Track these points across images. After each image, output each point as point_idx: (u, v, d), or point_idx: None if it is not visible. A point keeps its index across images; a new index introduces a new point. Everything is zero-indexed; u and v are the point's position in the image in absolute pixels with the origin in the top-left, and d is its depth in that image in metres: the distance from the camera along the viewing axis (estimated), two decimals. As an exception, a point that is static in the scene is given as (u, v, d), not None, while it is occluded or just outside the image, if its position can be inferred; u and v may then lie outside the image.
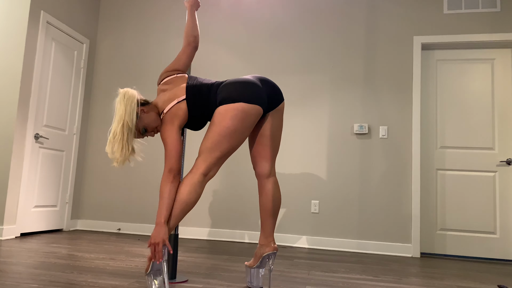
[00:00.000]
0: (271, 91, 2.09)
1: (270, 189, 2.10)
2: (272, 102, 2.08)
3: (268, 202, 2.09)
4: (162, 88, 2.12)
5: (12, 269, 2.31)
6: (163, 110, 2.03)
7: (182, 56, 2.23)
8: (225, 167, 4.21)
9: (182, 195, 1.89)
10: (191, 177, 1.92)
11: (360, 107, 4.02)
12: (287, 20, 4.28)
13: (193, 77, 2.14)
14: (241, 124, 1.92)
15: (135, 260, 2.77)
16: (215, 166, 1.96)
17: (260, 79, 2.09)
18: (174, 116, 1.99)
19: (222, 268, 2.65)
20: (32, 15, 3.72)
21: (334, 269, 2.85)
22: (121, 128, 1.89)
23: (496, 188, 3.79)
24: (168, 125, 1.98)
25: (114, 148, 1.90)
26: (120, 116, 1.90)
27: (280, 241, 4.00)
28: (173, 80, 2.12)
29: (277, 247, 2.04)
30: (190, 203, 1.90)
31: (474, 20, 3.91)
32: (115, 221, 4.39)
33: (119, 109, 1.92)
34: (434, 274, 2.88)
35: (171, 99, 2.03)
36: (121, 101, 1.93)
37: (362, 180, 3.93)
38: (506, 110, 3.86)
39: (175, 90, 2.06)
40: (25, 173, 3.69)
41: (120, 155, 1.90)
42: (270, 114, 2.11)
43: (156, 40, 4.57)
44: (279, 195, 2.12)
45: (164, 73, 2.17)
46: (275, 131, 2.12)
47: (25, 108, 3.67)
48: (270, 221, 2.09)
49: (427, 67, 4.06)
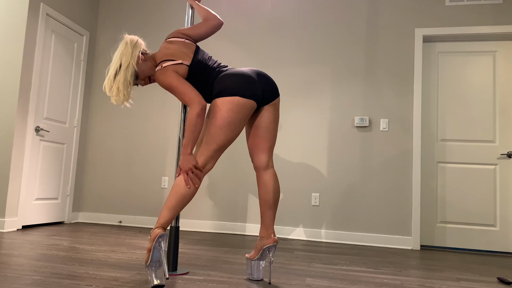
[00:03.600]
0: (267, 86, 2.11)
1: (268, 181, 2.11)
2: (267, 96, 2.11)
3: (267, 194, 2.10)
4: (166, 45, 2.11)
5: (14, 261, 2.32)
6: (161, 61, 2.04)
7: (202, 27, 2.21)
8: (226, 159, 4.21)
9: (179, 187, 1.92)
10: None
11: (361, 100, 4.01)
12: (288, 12, 4.26)
13: (202, 51, 2.16)
14: (236, 116, 1.96)
15: (136, 252, 2.78)
16: (212, 159, 1.99)
17: (257, 74, 2.11)
18: (174, 70, 2.03)
19: (223, 260, 2.66)
20: (32, 8, 3.70)
21: (334, 261, 2.86)
22: (126, 70, 2.01)
23: (497, 181, 3.79)
24: (168, 72, 2.01)
25: (119, 87, 2.00)
26: (127, 59, 2.01)
27: (280, 233, 4.01)
28: (181, 43, 2.12)
29: (277, 239, 2.06)
30: (187, 196, 1.93)
31: (476, 12, 3.88)
32: (116, 214, 4.40)
33: (127, 52, 2.03)
34: (434, 266, 2.89)
35: (175, 56, 2.05)
36: (130, 44, 2.05)
37: (362, 173, 3.93)
38: (507, 103, 3.84)
39: (180, 53, 2.07)
40: (26, 166, 3.70)
41: (124, 97, 2.01)
42: (265, 107, 2.13)
43: (156, 32, 4.55)
44: (277, 187, 2.13)
45: (176, 33, 2.16)
46: (269, 123, 2.13)
47: (25, 101, 3.67)
48: (270, 213, 2.10)
49: (428, 60, 4.04)
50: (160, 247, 1.82)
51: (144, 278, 2.07)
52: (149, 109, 4.45)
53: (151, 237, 1.83)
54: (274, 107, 2.14)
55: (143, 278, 2.06)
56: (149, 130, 4.43)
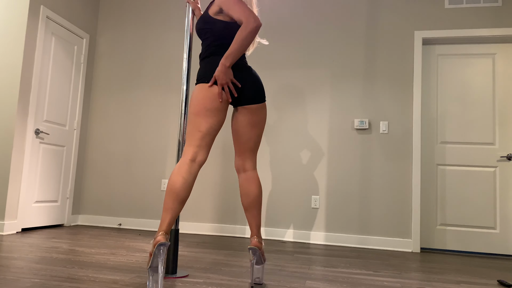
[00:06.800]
0: (252, 86, 2.07)
1: (242, 184, 2.12)
2: (247, 97, 2.07)
3: (242, 197, 2.12)
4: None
5: (14, 264, 2.32)
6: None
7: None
8: (225, 161, 4.21)
9: (172, 185, 1.88)
10: (179, 165, 1.93)
11: (360, 102, 4.01)
12: (287, 14, 4.27)
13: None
14: (210, 103, 1.96)
15: (135, 255, 2.77)
16: (200, 149, 1.96)
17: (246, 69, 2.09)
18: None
19: (223, 263, 2.66)
20: (32, 10, 3.71)
21: (334, 264, 2.86)
22: None
23: (497, 184, 3.79)
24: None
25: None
26: None
27: (280, 236, 4.01)
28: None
29: (257, 242, 2.00)
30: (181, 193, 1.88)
31: (475, 14, 3.89)
32: (116, 216, 4.40)
33: None
34: (434, 269, 2.89)
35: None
36: None
37: (362, 175, 3.93)
38: (507, 105, 3.85)
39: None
40: (26, 168, 3.70)
41: None
42: (239, 109, 2.10)
43: (156, 34, 4.55)
44: (253, 190, 2.09)
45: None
46: (244, 126, 2.09)
47: (25, 103, 3.67)
48: (248, 216, 2.10)
49: (428, 62, 4.05)
50: (159, 255, 1.78)
51: (143, 281, 2.07)
52: (149, 111, 4.46)
53: (153, 242, 1.81)
54: (249, 110, 2.08)
55: (142, 281, 2.06)
56: (149, 133, 4.43)
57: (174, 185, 1.88)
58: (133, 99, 4.52)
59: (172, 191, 1.88)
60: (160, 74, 4.48)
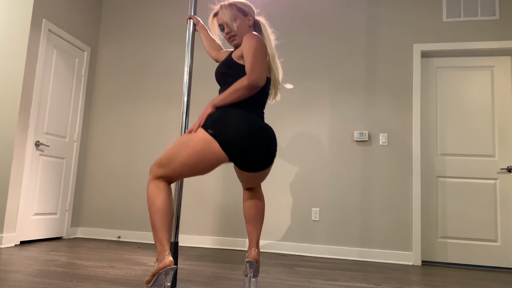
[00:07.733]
0: (264, 151, 1.90)
1: (246, 196, 2.14)
2: (256, 164, 1.91)
3: (245, 209, 2.12)
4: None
5: (12, 277, 2.30)
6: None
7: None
8: (226, 175, 4.20)
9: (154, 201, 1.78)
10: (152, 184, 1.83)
11: (360, 114, 4.02)
12: (287, 26, 4.30)
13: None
14: (202, 162, 1.81)
15: (135, 268, 2.75)
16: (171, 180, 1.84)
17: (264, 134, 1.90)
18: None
19: (223, 276, 2.64)
20: (34, 23, 3.74)
21: (335, 277, 2.83)
22: None
23: (497, 196, 3.78)
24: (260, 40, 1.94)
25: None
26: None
27: (280, 249, 3.98)
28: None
29: (256, 255, 1.98)
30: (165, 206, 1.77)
31: (473, 28, 3.93)
32: (115, 229, 4.37)
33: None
34: (435, 282, 2.86)
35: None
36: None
37: (362, 187, 3.92)
38: (506, 117, 3.86)
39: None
40: (25, 180, 3.69)
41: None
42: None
43: (157, 47, 4.59)
44: (257, 202, 2.10)
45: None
46: (250, 181, 2.05)
47: (26, 115, 3.68)
48: (249, 228, 2.09)
49: (426, 74, 4.07)
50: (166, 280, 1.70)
51: (143, 294, 2.05)
52: (149, 124, 4.47)
53: (159, 265, 1.69)
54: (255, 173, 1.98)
55: (142, 295, 2.04)
56: (149, 145, 4.43)
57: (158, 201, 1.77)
58: (134, 111, 4.53)
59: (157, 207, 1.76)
60: (160, 86, 4.51)
